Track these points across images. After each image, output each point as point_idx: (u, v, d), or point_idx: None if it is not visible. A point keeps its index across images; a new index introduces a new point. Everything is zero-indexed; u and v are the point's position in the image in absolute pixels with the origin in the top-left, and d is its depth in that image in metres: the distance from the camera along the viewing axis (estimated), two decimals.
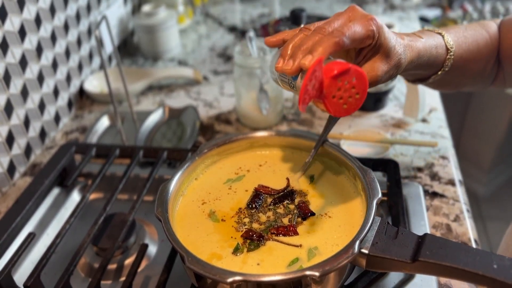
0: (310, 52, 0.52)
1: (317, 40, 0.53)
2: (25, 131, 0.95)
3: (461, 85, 0.77)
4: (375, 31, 0.55)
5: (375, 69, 0.57)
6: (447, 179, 0.85)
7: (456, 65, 0.69)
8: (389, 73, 0.58)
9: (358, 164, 0.63)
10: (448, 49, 0.67)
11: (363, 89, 0.53)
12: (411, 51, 0.61)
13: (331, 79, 0.51)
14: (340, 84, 0.52)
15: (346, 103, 0.53)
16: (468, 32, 0.71)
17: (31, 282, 0.61)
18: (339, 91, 0.52)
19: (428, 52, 0.64)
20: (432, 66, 0.68)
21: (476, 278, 0.48)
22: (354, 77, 0.52)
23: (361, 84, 0.53)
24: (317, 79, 0.50)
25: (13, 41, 0.89)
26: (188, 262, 0.51)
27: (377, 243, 0.53)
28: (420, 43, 0.63)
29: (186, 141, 0.99)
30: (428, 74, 0.71)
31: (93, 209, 0.84)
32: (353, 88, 0.53)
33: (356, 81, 0.52)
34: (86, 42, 1.18)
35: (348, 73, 0.51)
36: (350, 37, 0.53)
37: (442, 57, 0.67)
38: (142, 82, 1.20)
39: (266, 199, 0.64)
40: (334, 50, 0.52)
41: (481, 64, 0.73)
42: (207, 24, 1.58)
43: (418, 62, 0.63)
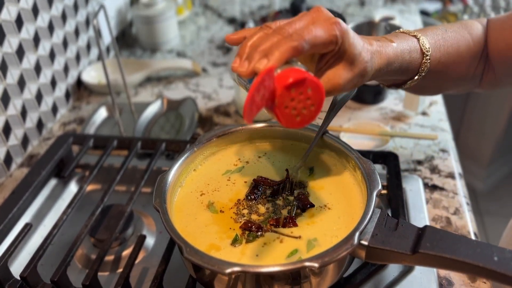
0: (266, 55, 0.49)
1: (275, 42, 0.49)
2: (22, 122, 0.94)
3: (443, 89, 0.74)
4: (338, 36, 0.51)
5: (337, 77, 0.54)
6: (447, 172, 0.85)
7: (434, 69, 0.66)
8: (352, 82, 0.55)
9: (358, 155, 0.63)
10: (424, 53, 0.63)
11: (319, 101, 0.50)
12: (379, 58, 0.58)
13: (284, 89, 0.47)
14: (294, 95, 0.48)
15: (300, 114, 0.50)
16: (448, 34, 0.67)
17: (28, 273, 0.60)
18: (293, 102, 0.49)
19: (399, 57, 0.61)
20: (406, 71, 0.64)
21: (476, 270, 0.47)
22: (310, 88, 0.49)
23: (317, 96, 0.49)
24: (266, 89, 0.47)
25: (10, 30, 0.88)
26: (187, 253, 0.50)
27: (377, 235, 0.52)
28: (390, 48, 0.59)
29: (185, 133, 0.98)
30: (403, 79, 0.67)
31: (91, 200, 0.84)
32: (308, 100, 0.49)
33: (311, 92, 0.49)
34: (84, 33, 1.17)
35: (304, 84, 0.48)
36: (310, 42, 0.50)
37: (416, 62, 0.64)
38: (140, 74, 1.19)
39: (265, 190, 0.64)
40: (291, 55, 0.49)
41: (462, 68, 0.69)
42: (206, 16, 1.57)
43: (389, 69, 0.60)
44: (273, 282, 0.52)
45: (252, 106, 0.46)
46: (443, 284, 0.65)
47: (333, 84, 0.54)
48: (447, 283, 0.65)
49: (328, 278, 0.55)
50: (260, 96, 0.47)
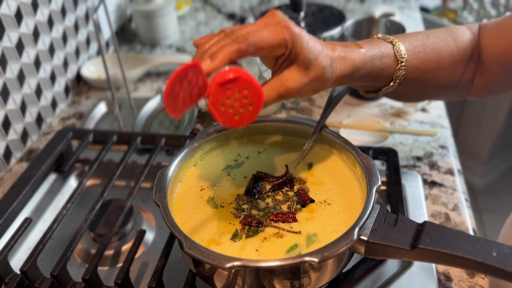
0: (211, 57, 0.50)
1: (221, 45, 0.50)
2: (21, 116, 0.94)
3: (427, 96, 0.73)
4: (287, 39, 0.51)
5: (290, 80, 0.54)
6: (446, 168, 0.85)
7: (412, 76, 0.64)
8: (309, 86, 0.55)
9: (357, 151, 0.63)
10: (398, 60, 0.62)
11: (257, 101, 0.50)
12: (343, 64, 0.57)
13: (217, 86, 0.49)
14: (229, 93, 0.49)
15: (238, 113, 0.51)
16: (429, 40, 0.66)
17: (28, 267, 0.61)
18: (229, 100, 0.50)
19: (368, 63, 0.60)
20: (378, 78, 0.63)
21: (475, 266, 0.47)
22: (246, 87, 0.49)
23: (254, 95, 0.50)
24: (193, 84, 0.48)
25: (9, 24, 0.88)
26: (187, 247, 0.50)
27: (376, 230, 0.52)
28: (357, 54, 0.58)
29: (184, 128, 0.98)
30: (378, 86, 0.65)
31: (90, 195, 0.84)
32: (245, 99, 0.50)
33: (248, 91, 0.49)
34: (83, 27, 1.17)
35: (237, 82, 0.49)
36: (255, 44, 0.50)
37: (390, 69, 0.62)
38: (139, 69, 1.19)
39: (265, 186, 0.64)
40: (235, 57, 0.50)
41: (444, 75, 0.67)
42: (206, 11, 1.57)
43: (356, 75, 0.59)
44: (272, 276, 0.52)
45: (176, 100, 0.47)
46: (441, 279, 0.65)
47: (286, 87, 0.54)
48: (446, 278, 0.65)
49: (327, 273, 0.55)
50: (188, 91, 0.48)
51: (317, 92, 0.57)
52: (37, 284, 0.62)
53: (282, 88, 0.54)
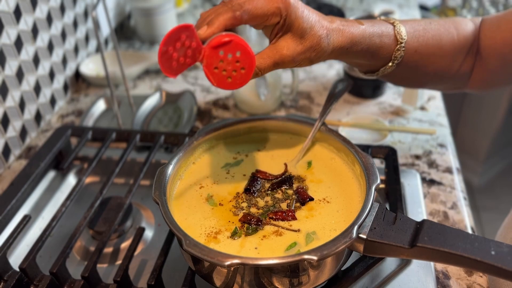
0: (208, 23, 0.52)
1: (218, 13, 0.53)
2: (20, 114, 0.94)
3: (424, 82, 0.73)
4: (281, 8, 0.54)
5: (285, 48, 0.56)
6: (445, 167, 0.85)
7: (411, 59, 0.66)
8: (304, 55, 0.57)
9: (357, 149, 0.63)
10: (398, 41, 0.63)
11: (249, 64, 0.53)
12: (340, 36, 0.59)
13: (211, 49, 0.52)
14: (222, 56, 0.52)
15: (231, 76, 0.53)
16: (431, 26, 0.67)
17: (27, 265, 0.61)
18: (222, 63, 0.52)
19: (367, 39, 0.61)
20: (377, 56, 0.64)
21: (473, 264, 0.48)
22: (239, 50, 0.52)
23: (246, 59, 0.52)
24: (187, 46, 0.51)
25: (8, 21, 0.88)
26: (186, 245, 0.50)
27: (375, 228, 0.53)
28: (356, 29, 0.60)
29: (183, 126, 0.98)
30: (376, 64, 0.67)
31: (89, 192, 0.84)
32: (238, 62, 0.53)
33: (240, 55, 0.52)
34: (82, 25, 1.16)
35: (230, 45, 0.52)
36: (250, 12, 0.53)
37: (388, 48, 0.64)
38: (138, 66, 1.18)
39: (264, 184, 0.64)
40: (230, 24, 0.52)
41: (443, 61, 0.68)
42: (205, 8, 1.56)
43: (354, 49, 0.61)
44: (272, 274, 0.52)
45: (170, 60, 0.50)
46: (440, 277, 0.66)
47: (281, 54, 0.56)
48: (444, 276, 0.66)
49: (326, 271, 0.55)
50: (182, 53, 0.51)
51: (313, 63, 0.59)
52: (36, 282, 0.62)
53: (277, 55, 0.56)
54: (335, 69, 1.18)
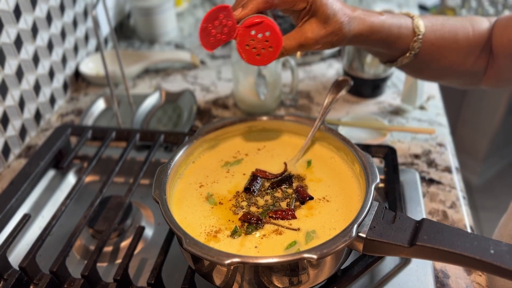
0: (242, 6, 0.59)
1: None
2: (20, 113, 0.94)
3: (440, 76, 0.77)
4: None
5: (310, 31, 0.61)
6: (444, 166, 0.85)
7: (428, 50, 0.70)
8: (327, 39, 0.62)
9: (356, 148, 0.63)
10: (416, 33, 0.68)
11: (276, 43, 0.59)
12: (360, 24, 0.64)
13: (244, 28, 0.58)
14: (253, 35, 0.58)
15: (260, 53, 0.60)
16: (448, 22, 0.71)
17: (27, 264, 0.61)
18: (253, 41, 0.59)
19: (386, 29, 0.66)
20: (395, 46, 0.69)
21: (473, 263, 0.48)
22: (268, 31, 0.58)
23: (274, 38, 0.59)
24: (224, 24, 0.58)
25: (8, 20, 0.88)
26: (186, 244, 0.51)
27: (375, 227, 0.53)
28: (376, 18, 0.65)
29: (183, 125, 0.98)
30: (394, 55, 0.72)
31: (89, 191, 0.84)
32: (267, 41, 0.59)
33: (270, 35, 0.58)
34: (82, 24, 1.16)
35: (261, 25, 0.58)
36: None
37: (407, 38, 0.68)
38: (138, 65, 1.19)
39: (264, 183, 0.64)
40: (263, 7, 0.59)
41: (459, 56, 0.72)
42: (205, 8, 1.57)
43: (373, 37, 0.66)
44: (271, 273, 0.52)
45: (209, 36, 0.59)
46: (439, 276, 0.66)
47: (306, 37, 0.62)
48: (443, 275, 0.66)
49: (326, 270, 0.55)
50: (219, 30, 0.58)
51: (334, 46, 0.65)
52: (36, 280, 0.62)
53: (302, 37, 0.62)
54: (335, 68, 1.19)
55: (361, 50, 0.99)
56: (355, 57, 1.01)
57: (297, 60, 1.20)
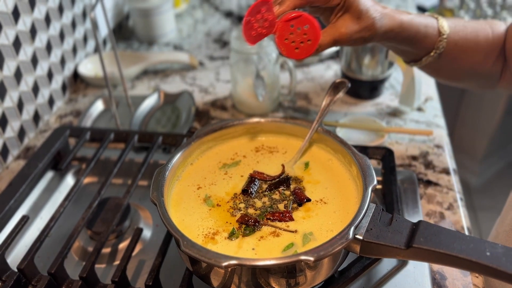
0: (279, 3, 0.60)
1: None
2: (18, 114, 0.94)
3: (459, 76, 0.78)
4: None
5: (344, 27, 0.63)
6: (441, 167, 0.86)
7: (452, 50, 0.72)
8: (360, 34, 0.64)
9: (353, 151, 0.63)
10: (441, 32, 0.70)
11: (315, 37, 0.60)
12: (391, 20, 0.66)
13: (283, 22, 0.59)
14: (293, 29, 0.59)
15: (298, 47, 0.60)
16: (469, 24, 0.73)
17: (25, 265, 0.61)
18: (292, 35, 0.60)
19: (414, 27, 0.68)
20: (421, 44, 0.71)
21: (469, 265, 0.48)
22: (307, 24, 0.59)
23: (312, 32, 0.59)
24: (265, 18, 0.59)
25: (6, 22, 0.88)
26: (183, 246, 0.51)
27: (372, 229, 0.53)
28: (405, 16, 0.67)
29: (181, 127, 0.98)
30: (420, 53, 0.73)
31: (87, 193, 0.84)
32: (305, 35, 0.60)
33: (308, 28, 0.59)
34: (80, 25, 1.17)
35: (300, 19, 0.59)
36: None
37: (433, 38, 0.70)
38: (137, 66, 1.19)
39: (262, 185, 0.64)
40: (299, 3, 0.60)
41: (479, 56, 0.73)
42: (203, 9, 1.57)
43: (403, 34, 0.67)
44: (269, 275, 0.53)
45: (251, 29, 0.60)
46: (436, 278, 0.66)
47: (340, 32, 0.63)
48: (440, 277, 0.66)
49: (323, 272, 0.55)
50: (260, 23, 0.60)
51: (366, 42, 0.67)
52: (34, 282, 0.62)
53: (336, 33, 0.63)
54: (333, 70, 1.19)
55: (359, 51, 0.99)
56: (353, 58, 1.01)
57: (295, 62, 1.21)
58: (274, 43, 0.61)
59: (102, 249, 0.65)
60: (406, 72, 0.97)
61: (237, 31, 0.97)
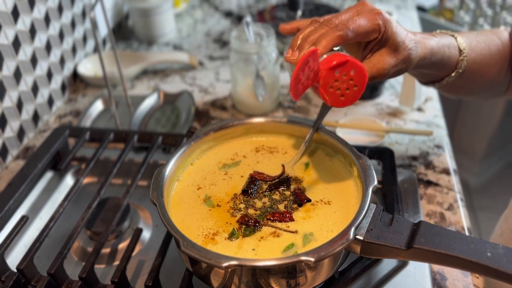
0: (314, 44, 0.54)
1: (322, 33, 0.55)
2: (18, 114, 0.94)
3: (474, 91, 0.77)
4: (381, 25, 0.56)
5: (381, 62, 0.58)
6: (442, 168, 0.85)
7: (470, 68, 0.70)
8: (397, 67, 0.59)
9: (354, 151, 0.63)
10: (461, 50, 0.68)
11: (362, 82, 0.55)
12: (423, 48, 0.62)
13: (328, 70, 0.53)
14: (337, 76, 0.54)
15: (344, 94, 0.55)
16: (480, 37, 0.71)
17: (24, 265, 0.61)
18: (337, 83, 0.54)
19: (441, 50, 0.65)
20: (446, 66, 0.68)
21: (470, 266, 0.48)
22: (353, 69, 0.54)
23: (359, 77, 0.54)
24: (311, 69, 0.52)
25: (6, 21, 0.88)
26: (184, 246, 0.51)
27: (372, 230, 0.53)
28: (433, 41, 0.64)
29: (181, 127, 0.98)
30: (442, 75, 0.71)
31: (87, 193, 0.84)
32: (351, 80, 0.54)
33: (354, 73, 0.54)
34: (80, 25, 1.16)
35: (346, 65, 0.53)
36: (354, 30, 0.54)
37: (455, 58, 0.67)
38: (136, 66, 1.19)
39: (262, 185, 0.64)
40: (337, 43, 0.54)
41: (494, 70, 0.72)
42: (203, 9, 1.57)
43: (432, 60, 0.64)
44: (269, 276, 0.52)
45: (298, 84, 0.52)
46: (436, 278, 0.66)
47: (378, 68, 0.58)
48: (441, 277, 0.66)
49: (323, 272, 0.55)
50: (306, 76, 0.53)
51: (401, 73, 0.62)
52: (33, 282, 0.62)
53: (374, 69, 0.58)
54: None
55: None
56: None
57: None
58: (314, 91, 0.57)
59: (101, 250, 0.65)
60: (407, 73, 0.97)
61: (236, 30, 0.97)
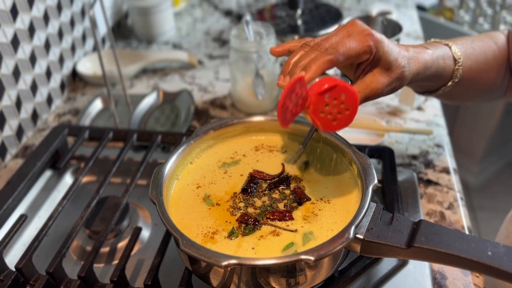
0: (304, 69, 0.53)
1: (313, 58, 0.54)
2: (16, 113, 0.94)
3: (472, 97, 0.76)
4: (372, 46, 0.55)
5: (375, 82, 0.57)
6: (442, 167, 0.85)
7: (466, 76, 0.69)
8: (391, 86, 0.59)
9: (354, 149, 0.63)
10: (456, 60, 0.67)
11: (353, 105, 0.54)
12: (416, 63, 0.61)
13: (317, 95, 0.52)
14: (328, 101, 0.53)
15: (336, 118, 0.54)
16: (475, 44, 0.70)
17: (23, 264, 0.60)
18: (328, 107, 0.53)
19: (435, 63, 0.64)
20: (441, 77, 0.67)
21: (470, 265, 0.48)
22: (343, 93, 0.53)
23: (350, 100, 0.53)
24: (298, 96, 0.52)
25: (4, 20, 0.87)
26: (183, 245, 0.50)
27: (372, 229, 0.53)
28: (427, 54, 0.63)
29: (180, 126, 0.98)
30: (437, 85, 0.70)
31: (86, 192, 0.84)
32: (342, 104, 0.53)
33: (345, 97, 0.53)
34: (79, 23, 1.16)
35: (335, 90, 0.52)
36: (345, 54, 0.54)
37: (450, 68, 0.67)
38: (136, 65, 1.18)
39: (261, 184, 0.64)
40: (328, 67, 0.53)
41: (491, 76, 0.72)
42: (203, 8, 1.56)
43: (426, 74, 0.63)
44: (269, 274, 0.52)
45: (286, 112, 0.52)
46: (436, 277, 0.66)
47: (371, 89, 0.57)
48: (441, 276, 0.66)
49: (323, 271, 0.55)
50: (294, 103, 0.52)
51: (395, 91, 0.61)
52: (32, 281, 0.62)
53: (367, 90, 0.57)
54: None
55: None
56: None
57: None
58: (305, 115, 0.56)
59: (100, 248, 0.65)
60: None
61: (236, 29, 0.97)
